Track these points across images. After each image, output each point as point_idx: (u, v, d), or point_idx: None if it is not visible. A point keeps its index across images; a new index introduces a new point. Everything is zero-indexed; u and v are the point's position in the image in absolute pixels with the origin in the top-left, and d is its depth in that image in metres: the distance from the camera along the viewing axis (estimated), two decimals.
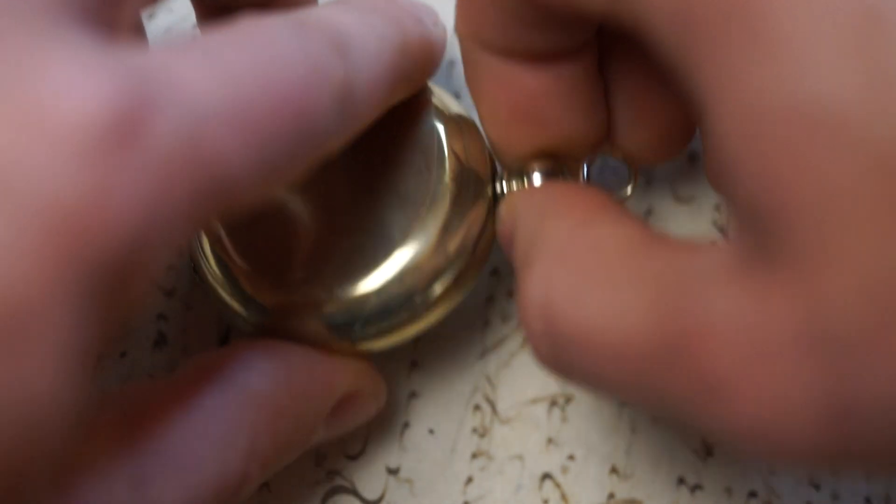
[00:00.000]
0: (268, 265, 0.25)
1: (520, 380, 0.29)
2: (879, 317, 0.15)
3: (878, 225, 0.15)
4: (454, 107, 0.26)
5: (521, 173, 0.25)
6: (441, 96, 0.26)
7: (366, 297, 0.24)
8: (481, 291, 0.29)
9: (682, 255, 0.19)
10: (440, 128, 0.25)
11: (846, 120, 0.15)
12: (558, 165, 0.25)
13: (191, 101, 0.17)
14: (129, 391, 0.22)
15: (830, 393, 0.16)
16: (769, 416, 0.17)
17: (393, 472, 0.29)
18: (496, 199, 0.26)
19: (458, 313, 0.29)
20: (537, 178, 0.25)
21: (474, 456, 0.29)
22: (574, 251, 0.21)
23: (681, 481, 0.29)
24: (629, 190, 0.27)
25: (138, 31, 0.26)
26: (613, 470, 0.29)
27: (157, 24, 0.32)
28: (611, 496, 0.28)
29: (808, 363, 0.16)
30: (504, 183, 0.26)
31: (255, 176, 0.19)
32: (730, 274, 0.17)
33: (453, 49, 0.26)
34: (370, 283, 0.24)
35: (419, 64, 0.24)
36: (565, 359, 0.20)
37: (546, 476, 0.29)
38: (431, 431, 0.29)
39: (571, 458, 0.29)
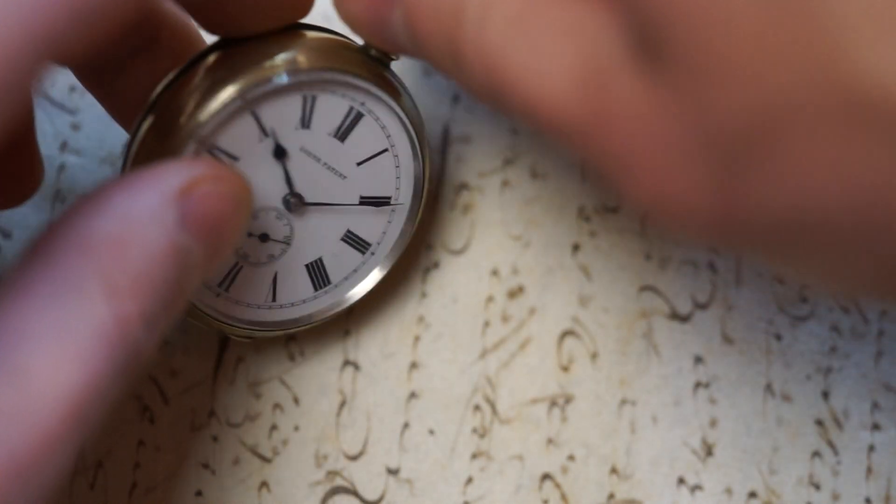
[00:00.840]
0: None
1: (520, 380, 0.29)
2: (762, 130, 0.17)
3: (767, 45, 0.16)
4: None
5: None
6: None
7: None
8: (481, 291, 0.29)
9: (604, 15, 0.19)
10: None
11: None
12: None
13: None
14: None
15: (717, 189, 0.18)
16: (666, 200, 0.19)
17: (393, 472, 0.29)
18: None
19: (457, 313, 0.29)
20: None
21: (474, 456, 0.29)
22: None
23: (681, 481, 0.29)
24: None
25: None
26: (613, 470, 0.29)
27: None
28: (611, 496, 0.28)
29: (698, 160, 0.18)
30: None
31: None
32: (630, 58, 0.19)
33: None
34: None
35: None
36: (501, 96, 0.21)
37: (546, 476, 0.29)
38: (431, 431, 0.29)
39: (571, 458, 0.29)
